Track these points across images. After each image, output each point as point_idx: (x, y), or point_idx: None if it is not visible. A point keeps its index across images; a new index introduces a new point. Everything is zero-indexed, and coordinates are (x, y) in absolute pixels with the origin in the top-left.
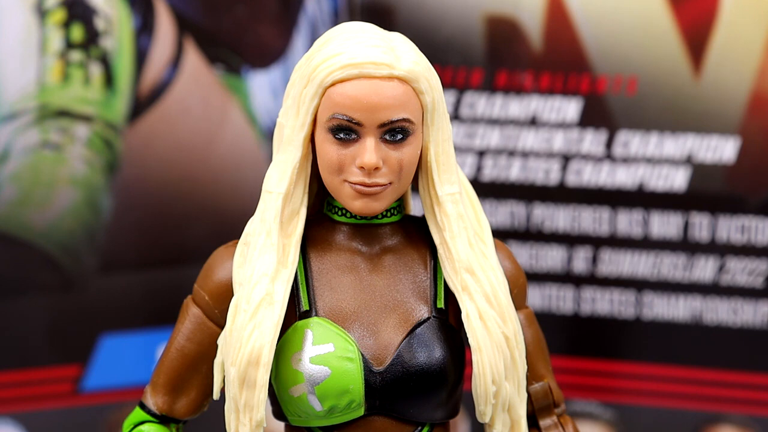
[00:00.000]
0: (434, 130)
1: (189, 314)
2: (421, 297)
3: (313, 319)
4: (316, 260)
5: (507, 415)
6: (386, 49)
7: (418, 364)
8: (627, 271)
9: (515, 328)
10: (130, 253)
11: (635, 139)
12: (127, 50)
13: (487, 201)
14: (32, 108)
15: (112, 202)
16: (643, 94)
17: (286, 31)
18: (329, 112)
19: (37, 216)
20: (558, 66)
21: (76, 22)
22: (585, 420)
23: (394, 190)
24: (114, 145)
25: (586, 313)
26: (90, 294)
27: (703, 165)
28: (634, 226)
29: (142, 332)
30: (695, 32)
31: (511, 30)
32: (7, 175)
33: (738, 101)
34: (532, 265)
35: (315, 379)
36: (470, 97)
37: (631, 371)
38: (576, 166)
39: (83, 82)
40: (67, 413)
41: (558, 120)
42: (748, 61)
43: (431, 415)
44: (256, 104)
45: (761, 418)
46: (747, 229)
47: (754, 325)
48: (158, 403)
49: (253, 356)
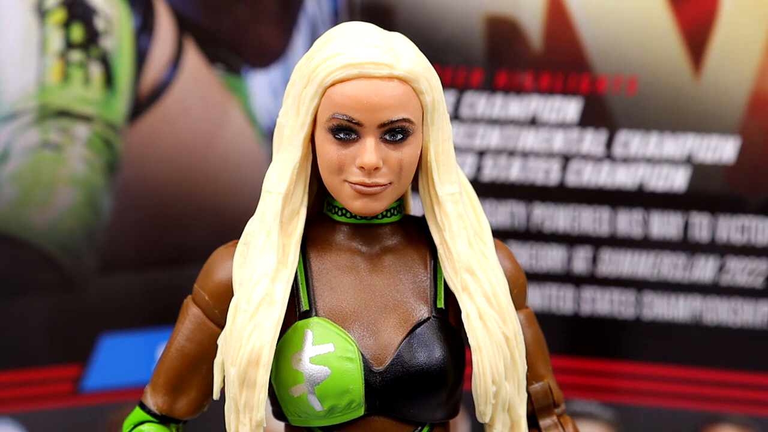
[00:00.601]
0: (434, 130)
1: (189, 314)
2: (421, 297)
3: (313, 319)
4: (316, 260)
5: (507, 415)
6: (386, 49)
7: (418, 364)
8: (627, 271)
9: (515, 328)
10: (130, 253)
11: (635, 139)
12: (127, 50)
13: (487, 201)
14: (32, 108)
15: (112, 202)
16: (643, 94)
17: (286, 31)
18: (329, 112)
19: (37, 216)
20: (558, 66)
21: (76, 22)
22: (585, 420)
23: (394, 190)
24: (114, 145)
25: (586, 313)
26: (90, 294)
27: (703, 165)
28: (634, 226)
29: (142, 332)
30: (695, 32)
31: (511, 30)
32: (7, 175)
33: (738, 101)
34: (532, 265)
35: (315, 379)
36: (470, 97)
37: (631, 371)
38: (576, 166)
39: (83, 82)
40: (67, 413)
41: (558, 120)
42: (748, 61)
43: (431, 415)
44: (256, 104)
45: (761, 418)
46: (747, 229)
47: (754, 325)
48: (158, 403)
49: (253, 356)
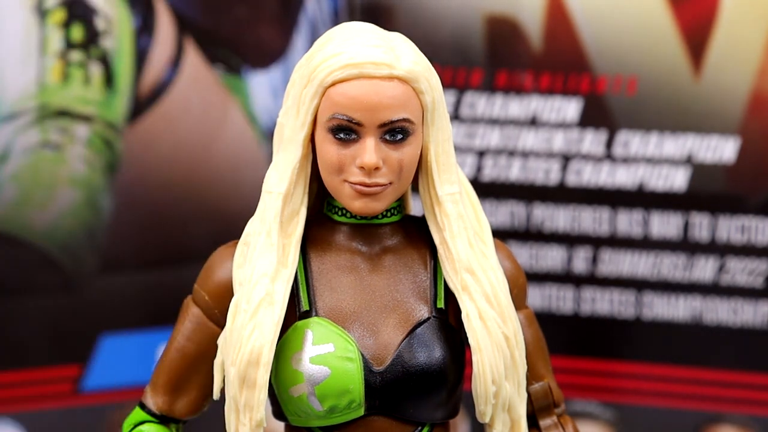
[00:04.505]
0: (434, 130)
1: (189, 314)
2: (421, 297)
3: (313, 319)
4: (316, 260)
5: (507, 415)
6: (386, 49)
7: (418, 364)
8: (627, 271)
9: (515, 328)
10: (130, 253)
11: (635, 139)
12: (127, 50)
13: (487, 201)
14: (32, 108)
15: (112, 202)
16: (643, 94)
17: (286, 31)
18: (329, 112)
19: (37, 216)
20: (558, 66)
21: (76, 22)
22: (585, 420)
23: (394, 190)
24: (114, 145)
25: (586, 313)
26: (90, 294)
27: (703, 165)
28: (634, 226)
29: (142, 332)
30: (695, 32)
31: (511, 30)
32: (7, 175)
33: (738, 101)
34: (532, 265)
35: (315, 379)
36: (470, 97)
37: (631, 371)
38: (576, 166)
39: (83, 82)
40: (67, 413)
41: (558, 120)
42: (748, 61)
43: (431, 415)
44: (256, 104)
45: (761, 418)
46: (747, 229)
47: (754, 325)
48: (158, 403)
49: (253, 356)
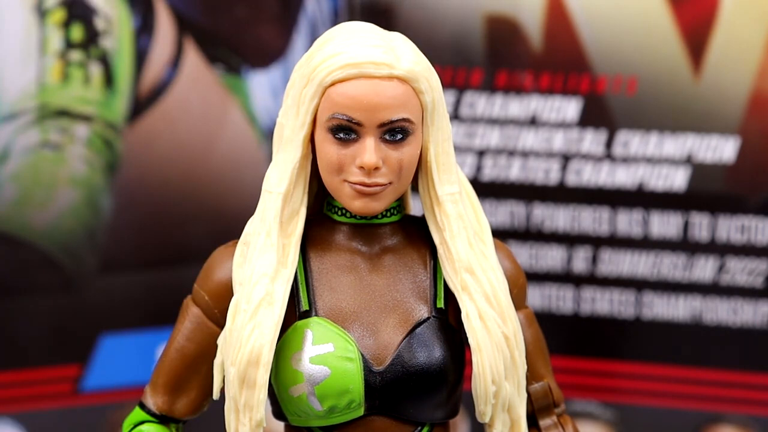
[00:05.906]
0: (434, 129)
1: (189, 314)
2: (421, 297)
3: (313, 319)
4: (315, 260)
5: (507, 415)
6: (386, 49)
7: (418, 364)
8: (627, 271)
9: (515, 328)
10: (130, 253)
11: (635, 139)
12: (127, 50)
13: (487, 201)
14: (32, 108)
15: (112, 202)
16: (643, 94)
17: (286, 31)
18: (329, 111)
19: (37, 216)
20: (558, 66)
21: (76, 22)
22: (585, 420)
23: (393, 190)
24: (114, 145)
25: (586, 313)
26: (90, 294)
27: (703, 165)
28: (634, 226)
29: (142, 332)
30: (695, 32)
31: (511, 30)
32: (7, 175)
33: (738, 101)
34: (532, 265)
35: (315, 379)
36: (470, 97)
37: (631, 371)
38: (576, 166)
39: (83, 82)
40: (67, 413)
41: (558, 120)
42: (748, 61)
43: (431, 415)
44: (256, 104)
45: (761, 418)
46: (747, 229)
47: (754, 325)
48: (158, 403)
49: (253, 356)
